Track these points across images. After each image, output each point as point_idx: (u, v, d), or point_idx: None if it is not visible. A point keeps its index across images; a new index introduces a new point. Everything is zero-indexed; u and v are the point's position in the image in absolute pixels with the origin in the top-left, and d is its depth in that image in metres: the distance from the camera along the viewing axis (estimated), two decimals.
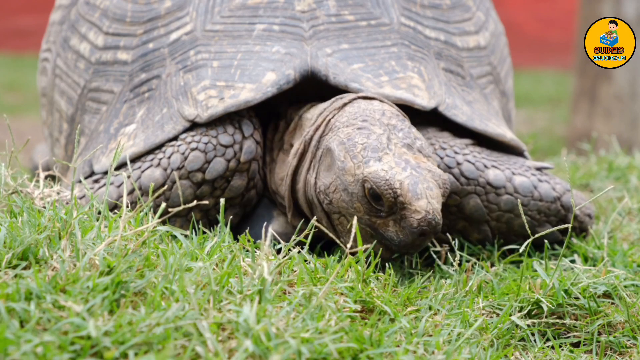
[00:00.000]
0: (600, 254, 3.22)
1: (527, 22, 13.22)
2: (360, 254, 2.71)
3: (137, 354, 2.17)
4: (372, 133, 2.97)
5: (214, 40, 3.33)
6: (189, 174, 3.13)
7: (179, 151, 3.14)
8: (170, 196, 3.14)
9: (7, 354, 2.09)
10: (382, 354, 2.33)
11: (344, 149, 2.96)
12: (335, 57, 3.28)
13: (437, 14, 3.50)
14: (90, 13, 3.56)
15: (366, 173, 2.88)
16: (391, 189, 2.84)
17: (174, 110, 3.24)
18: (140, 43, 3.41)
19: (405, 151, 2.93)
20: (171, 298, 2.35)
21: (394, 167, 2.88)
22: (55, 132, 3.73)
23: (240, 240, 2.89)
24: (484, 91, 3.57)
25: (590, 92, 8.39)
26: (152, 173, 3.14)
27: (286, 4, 3.36)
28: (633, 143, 7.80)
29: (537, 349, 2.67)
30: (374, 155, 2.91)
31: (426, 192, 2.84)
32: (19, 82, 12.12)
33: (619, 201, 4.07)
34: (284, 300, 2.48)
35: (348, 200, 2.92)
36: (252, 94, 3.20)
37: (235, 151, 3.16)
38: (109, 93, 3.45)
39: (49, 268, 2.43)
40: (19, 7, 14.08)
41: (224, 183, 3.17)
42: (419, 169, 2.88)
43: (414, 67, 3.34)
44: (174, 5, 3.40)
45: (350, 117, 3.04)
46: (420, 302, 2.72)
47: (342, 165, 2.94)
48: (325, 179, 3.01)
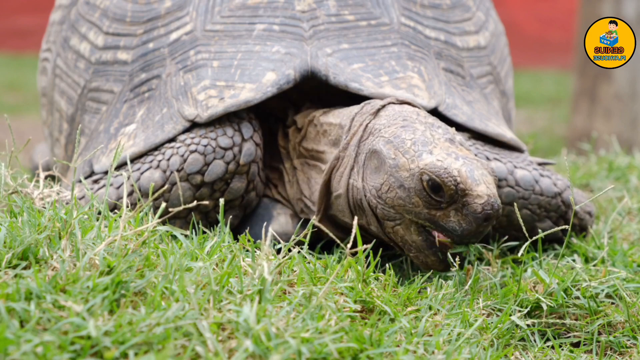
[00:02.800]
0: (600, 254, 3.21)
1: (527, 22, 13.22)
2: (360, 254, 2.71)
3: (137, 353, 2.17)
4: (416, 129, 2.96)
5: (214, 40, 3.32)
6: (188, 176, 3.13)
7: (178, 153, 3.14)
8: (169, 198, 3.13)
9: (7, 353, 2.09)
10: (382, 353, 2.33)
11: (393, 147, 2.94)
12: (335, 57, 3.28)
13: (437, 13, 3.49)
14: (90, 13, 3.56)
15: (422, 165, 2.86)
16: (451, 176, 2.82)
17: (174, 110, 3.24)
18: (141, 43, 3.41)
19: (449, 145, 2.93)
20: (171, 298, 2.35)
21: (447, 157, 2.87)
22: (55, 132, 3.73)
23: (240, 240, 2.89)
24: (484, 91, 3.56)
25: (590, 92, 8.39)
26: (151, 175, 3.13)
27: (286, 4, 3.35)
28: (633, 143, 7.80)
29: (537, 349, 2.67)
30: (425, 148, 2.90)
31: (482, 177, 2.84)
32: (19, 82, 12.12)
33: (619, 201, 4.07)
34: (284, 300, 2.48)
35: (405, 197, 2.90)
36: (252, 93, 3.19)
37: (234, 154, 3.16)
38: (109, 93, 3.44)
39: (49, 268, 2.43)
40: (19, 7, 14.08)
41: (224, 185, 3.17)
42: (469, 159, 2.88)
43: (414, 67, 3.34)
44: (174, 5, 3.40)
45: (389, 119, 3.03)
46: (420, 302, 2.72)
47: (393, 163, 2.92)
48: (374, 181, 2.98)
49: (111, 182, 3.15)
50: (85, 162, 3.34)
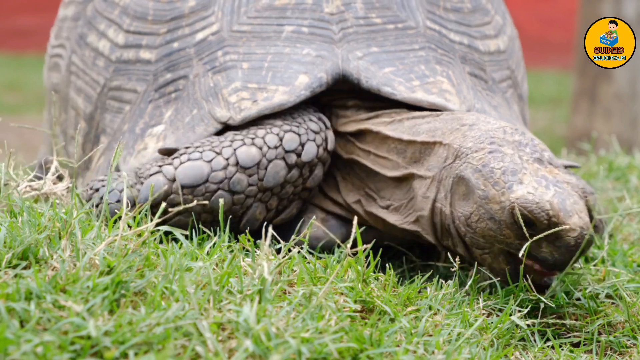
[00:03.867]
0: (600, 254, 3.22)
1: (527, 22, 13.23)
2: (360, 254, 2.71)
3: (137, 353, 2.17)
4: (505, 155, 2.89)
5: (241, 41, 3.29)
6: (286, 153, 3.09)
7: (273, 132, 3.11)
8: (264, 175, 3.09)
9: (7, 353, 2.09)
10: (382, 353, 2.33)
11: (481, 176, 2.87)
12: (366, 60, 3.25)
13: (459, 17, 3.47)
14: (108, 10, 3.52)
15: (513, 199, 2.79)
16: (543, 211, 2.76)
17: (205, 112, 3.21)
18: (164, 42, 3.38)
19: (538, 167, 2.87)
20: (171, 298, 2.35)
21: (537, 187, 2.80)
22: (70, 130, 3.68)
23: (241, 240, 2.89)
24: (505, 95, 3.54)
25: (590, 92, 8.40)
26: (248, 149, 3.08)
27: (314, 6, 3.32)
28: (633, 143, 7.80)
29: (537, 349, 2.67)
30: (514, 178, 2.83)
31: (574, 207, 2.77)
32: (19, 82, 12.13)
33: (619, 201, 4.07)
34: (284, 300, 2.48)
35: (496, 229, 2.84)
36: (286, 96, 3.17)
37: (322, 139, 3.15)
38: (132, 92, 3.41)
39: (49, 268, 2.43)
40: (19, 7, 14.09)
41: (308, 172, 3.13)
42: (559, 184, 2.82)
43: (442, 72, 3.31)
44: (198, 4, 3.36)
45: (476, 142, 2.95)
46: (420, 302, 2.72)
47: (483, 194, 2.85)
48: (463, 209, 2.92)
49: (199, 157, 3.06)
50: (110, 162, 3.28)
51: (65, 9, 3.82)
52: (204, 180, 3.02)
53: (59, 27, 3.84)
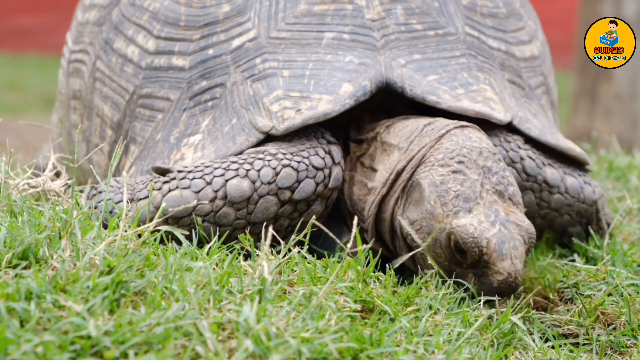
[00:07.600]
0: (600, 253, 3.22)
1: None
2: (360, 254, 2.71)
3: (137, 353, 2.17)
4: (466, 179, 2.88)
5: (280, 48, 3.19)
6: (278, 190, 2.98)
7: (270, 165, 2.98)
8: (254, 210, 2.98)
9: (7, 353, 2.09)
10: (382, 353, 2.33)
11: (436, 192, 2.88)
12: (410, 67, 3.18)
13: (495, 23, 3.41)
14: (137, 15, 3.41)
15: (454, 225, 2.81)
16: (477, 247, 2.78)
17: (245, 121, 3.10)
18: (198, 49, 3.27)
19: (496, 199, 2.86)
20: (171, 298, 2.36)
21: (483, 221, 2.81)
22: (95, 138, 3.55)
23: (240, 240, 2.89)
24: (540, 102, 3.49)
25: (590, 92, 8.40)
26: (239, 183, 2.96)
27: (355, 12, 3.24)
28: (633, 143, 7.80)
29: (537, 349, 2.67)
30: (465, 205, 2.83)
31: (511, 251, 2.78)
32: (19, 82, 12.13)
33: (619, 201, 4.07)
34: (284, 300, 2.48)
35: (431, 245, 2.86)
36: (331, 105, 3.07)
37: (325, 175, 3.02)
38: (164, 100, 3.29)
39: (49, 268, 2.43)
40: (19, 6, 14.08)
41: (305, 206, 3.02)
42: (508, 223, 2.82)
43: (485, 79, 3.25)
44: (233, 10, 3.27)
45: (446, 155, 2.94)
46: (420, 301, 2.72)
47: (430, 210, 2.87)
48: (411, 214, 2.94)
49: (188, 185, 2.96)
50: (143, 171, 3.21)
51: (86, 12, 3.70)
52: (189, 213, 2.95)
53: (79, 31, 3.72)
